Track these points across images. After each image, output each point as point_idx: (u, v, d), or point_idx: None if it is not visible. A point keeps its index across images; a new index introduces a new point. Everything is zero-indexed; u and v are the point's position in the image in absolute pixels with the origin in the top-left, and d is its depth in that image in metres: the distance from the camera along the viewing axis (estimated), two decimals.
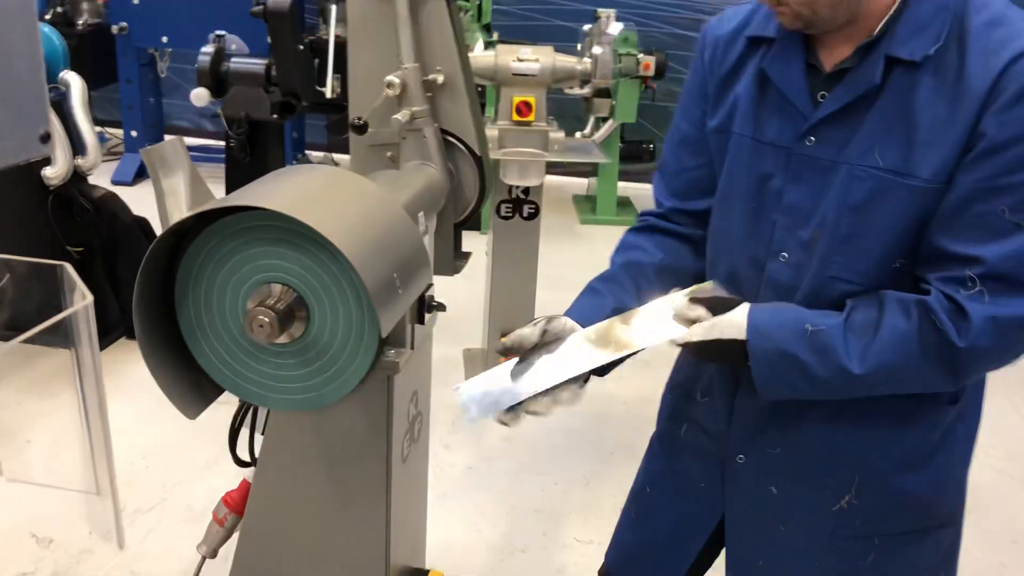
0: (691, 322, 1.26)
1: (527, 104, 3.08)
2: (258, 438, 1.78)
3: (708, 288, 1.30)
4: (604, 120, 5.26)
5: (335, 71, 3.46)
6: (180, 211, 1.28)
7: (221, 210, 1.30)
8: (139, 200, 4.04)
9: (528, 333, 1.30)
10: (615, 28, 4.69)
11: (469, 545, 2.60)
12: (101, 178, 5.23)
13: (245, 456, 1.81)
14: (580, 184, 6.23)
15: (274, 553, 1.80)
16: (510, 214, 3.32)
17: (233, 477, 1.81)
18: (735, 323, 1.23)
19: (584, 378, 1.31)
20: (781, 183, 1.28)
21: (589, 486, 2.92)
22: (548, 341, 1.32)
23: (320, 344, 1.39)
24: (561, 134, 3.16)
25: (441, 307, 1.84)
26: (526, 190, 3.28)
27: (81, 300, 2.28)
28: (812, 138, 1.24)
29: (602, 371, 1.33)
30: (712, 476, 1.46)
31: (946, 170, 1.15)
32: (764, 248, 1.31)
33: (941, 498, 1.37)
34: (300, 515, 1.74)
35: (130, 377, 3.50)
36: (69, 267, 2.48)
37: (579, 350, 1.29)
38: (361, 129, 1.96)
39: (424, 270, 1.53)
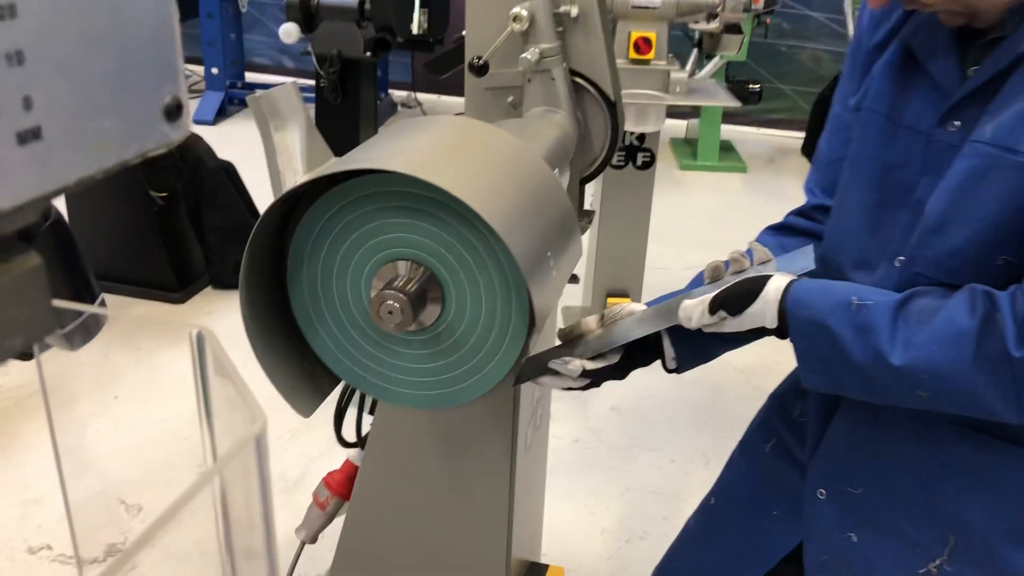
0: None
1: (646, 40, 2.77)
2: (367, 418, 1.63)
3: None
4: (709, 58, 4.90)
5: (422, 4, 3.19)
6: (294, 172, 1.04)
7: (339, 173, 1.07)
8: (222, 141, 3.87)
9: (590, 319, 1.26)
10: None
11: (582, 530, 2.39)
12: None
13: (348, 435, 1.67)
14: (679, 127, 5.86)
15: (383, 545, 1.67)
16: (622, 163, 3.03)
17: (327, 443, 1.63)
18: (771, 276, 1.08)
19: (622, 357, 1.23)
20: (914, 175, 1.09)
21: (710, 465, 2.66)
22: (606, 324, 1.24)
23: (456, 333, 1.16)
24: (684, 74, 2.85)
25: (574, 278, 1.62)
26: (641, 136, 2.98)
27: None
28: (956, 122, 1.05)
29: (622, 373, 1.25)
30: (788, 506, 1.29)
31: None
32: (880, 250, 1.13)
33: None
34: (413, 506, 1.63)
35: (215, 329, 3.35)
36: None
37: (624, 325, 1.23)
38: (481, 70, 1.74)
39: (576, 243, 1.28)
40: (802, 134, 5.90)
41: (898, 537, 1.15)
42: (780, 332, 1.06)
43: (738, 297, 1.07)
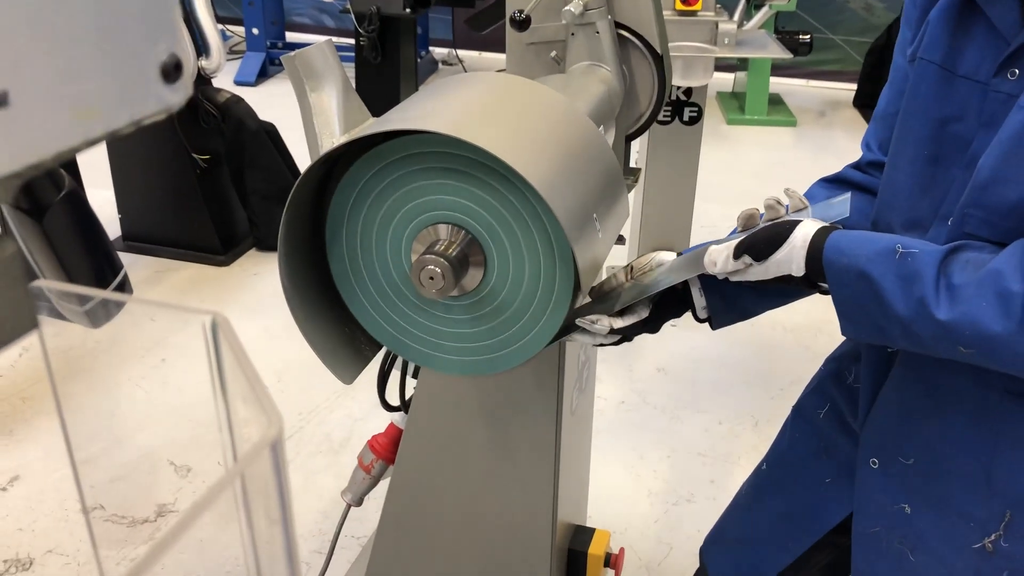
0: None
1: None
2: (410, 381, 1.61)
3: None
4: (757, 7, 4.75)
5: None
6: (331, 132, 1.01)
7: (377, 134, 1.03)
8: (263, 103, 3.85)
9: (619, 272, 1.24)
10: None
11: (629, 492, 2.36)
12: (223, 79, 5.09)
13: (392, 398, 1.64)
14: (726, 80, 5.72)
15: (428, 508, 1.67)
16: (668, 118, 2.95)
17: (373, 404, 1.63)
18: (800, 221, 1.04)
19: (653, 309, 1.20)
20: (970, 129, 1.02)
21: (758, 427, 2.62)
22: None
23: (499, 298, 1.13)
24: (732, 25, 2.75)
25: (621, 239, 1.58)
26: (688, 90, 2.90)
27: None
28: (1016, 71, 0.97)
29: (653, 326, 1.20)
30: (840, 475, 1.26)
31: None
32: (932, 209, 1.06)
33: None
34: (457, 470, 1.62)
35: (259, 291, 3.37)
36: None
37: (653, 276, 1.21)
38: (523, 24, 1.69)
39: (622, 202, 1.23)
40: (854, 86, 5.73)
41: (952, 510, 1.10)
42: (808, 281, 1.01)
43: (764, 242, 1.02)
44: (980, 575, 1.09)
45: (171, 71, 0.32)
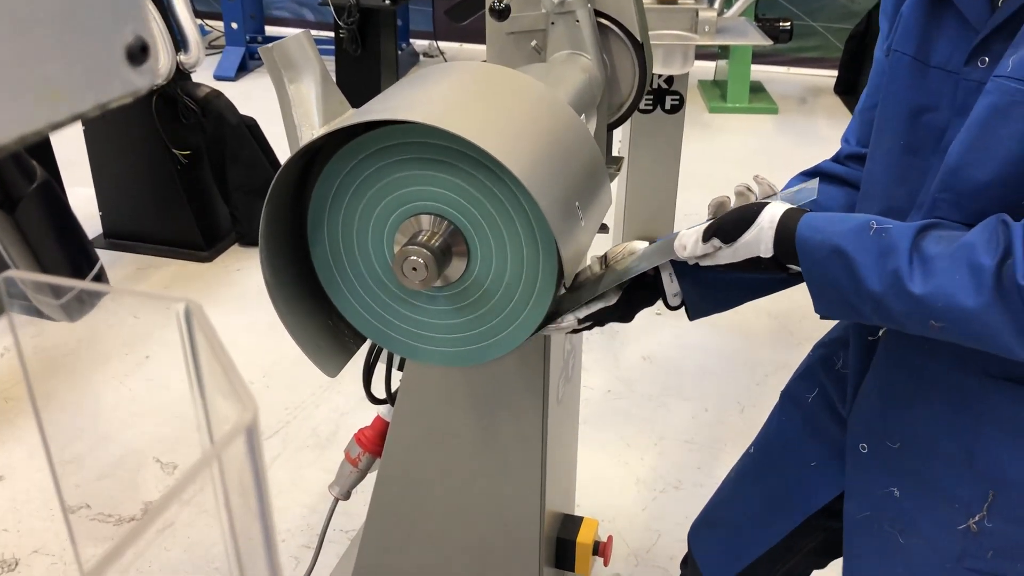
0: None
1: None
2: (395, 374, 1.61)
3: None
4: None
5: None
6: (311, 124, 1.00)
7: (357, 125, 1.02)
8: (243, 97, 3.83)
9: (593, 262, 1.24)
10: None
11: (617, 481, 2.37)
12: (203, 74, 5.05)
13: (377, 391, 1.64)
14: (707, 68, 5.72)
15: (416, 500, 1.66)
16: (650, 107, 2.95)
17: (359, 398, 1.62)
18: (767, 203, 1.04)
19: (625, 298, 1.19)
20: (944, 118, 1.03)
21: (745, 413, 2.63)
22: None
23: (483, 288, 1.13)
24: (713, 13, 2.76)
25: (604, 228, 1.58)
26: (669, 79, 2.90)
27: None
28: (985, 58, 0.98)
29: (625, 314, 1.20)
30: (824, 458, 1.28)
31: None
32: (909, 198, 1.07)
33: None
34: (445, 461, 1.62)
35: (244, 287, 3.36)
36: None
37: (625, 264, 1.21)
38: (502, 14, 1.69)
39: (605, 191, 1.23)
40: (835, 73, 5.74)
41: (938, 492, 1.12)
42: (776, 262, 1.02)
43: (732, 224, 1.03)
44: (967, 555, 1.10)
45: (137, 53, 0.31)
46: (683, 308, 1.21)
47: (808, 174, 1.31)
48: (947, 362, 1.06)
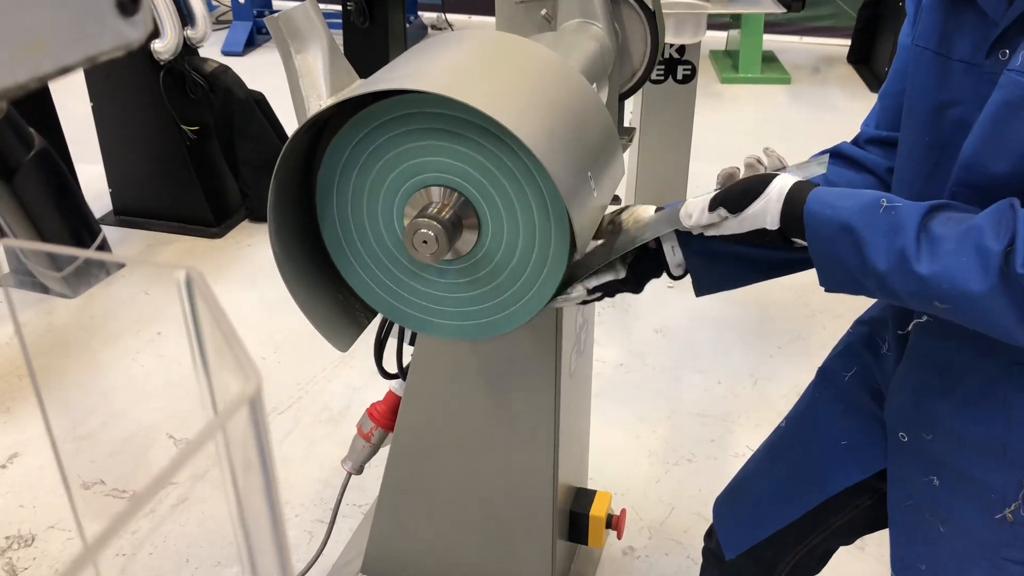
0: None
1: None
2: (407, 348, 1.60)
3: None
4: None
5: None
6: (318, 95, 0.98)
7: (365, 96, 1.01)
8: (251, 72, 3.80)
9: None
10: None
11: (629, 453, 2.36)
12: (210, 49, 5.02)
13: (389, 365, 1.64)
14: (719, 38, 5.65)
15: (428, 474, 1.66)
16: (662, 77, 2.91)
17: (371, 373, 1.62)
18: (776, 175, 1.03)
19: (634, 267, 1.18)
20: (968, 112, 1.01)
21: (758, 386, 2.62)
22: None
23: (494, 260, 1.11)
24: None
25: (616, 199, 1.56)
26: (680, 48, 2.86)
27: None
28: (1006, 51, 0.96)
29: (635, 286, 1.19)
30: (857, 440, 1.27)
31: None
32: (936, 195, 1.04)
33: None
34: (457, 435, 1.62)
35: (254, 263, 3.35)
36: None
37: (630, 232, 1.18)
38: None
39: (618, 162, 1.21)
40: (848, 42, 5.66)
41: (972, 482, 1.11)
42: (781, 235, 1.01)
43: (740, 194, 1.02)
44: (1004, 544, 1.10)
45: (128, 4, 0.29)
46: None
47: (825, 154, 1.29)
48: (975, 353, 1.05)
